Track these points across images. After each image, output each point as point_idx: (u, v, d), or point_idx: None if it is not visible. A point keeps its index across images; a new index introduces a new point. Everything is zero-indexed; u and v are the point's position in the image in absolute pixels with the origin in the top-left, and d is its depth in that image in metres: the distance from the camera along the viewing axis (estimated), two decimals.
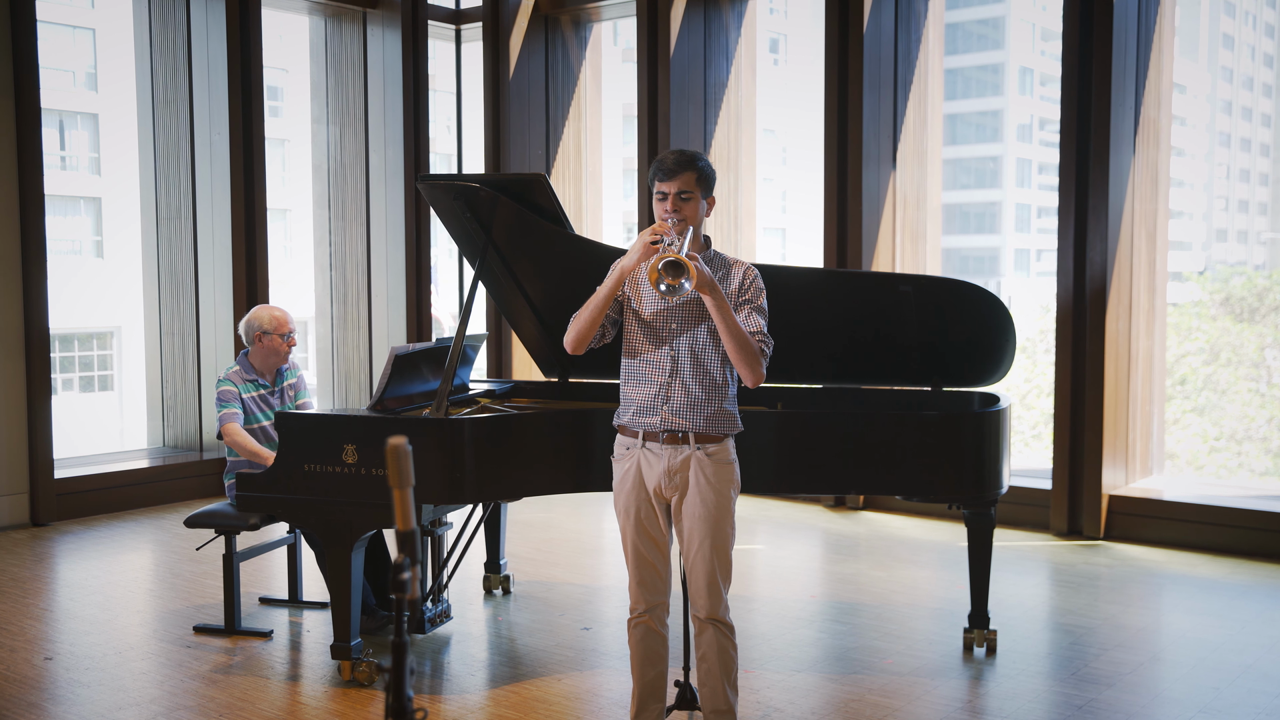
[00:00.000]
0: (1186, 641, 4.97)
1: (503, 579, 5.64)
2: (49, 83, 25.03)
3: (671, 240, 3.32)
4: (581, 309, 3.49)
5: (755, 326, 3.43)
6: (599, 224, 9.44)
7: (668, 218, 3.39)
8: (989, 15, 48.33)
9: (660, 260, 3.17)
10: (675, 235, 3.34)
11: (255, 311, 5.15)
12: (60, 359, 24.79)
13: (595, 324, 3.46)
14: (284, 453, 4.41)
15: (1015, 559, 6.32)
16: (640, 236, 3.37)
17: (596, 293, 3.46)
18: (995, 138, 48.75)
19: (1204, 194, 51.14)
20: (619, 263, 3.44)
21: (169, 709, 4.20)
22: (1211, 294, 22.29)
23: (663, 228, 3.35)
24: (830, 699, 4.30)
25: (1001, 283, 46.41)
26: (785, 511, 7.49)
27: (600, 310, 3.44)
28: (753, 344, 3.38)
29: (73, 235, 25.99)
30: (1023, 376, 20.47)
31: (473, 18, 9.36)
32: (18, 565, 6.24)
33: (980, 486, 4.52)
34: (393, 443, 1.65)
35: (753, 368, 3.39)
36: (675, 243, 3.30)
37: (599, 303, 3.44)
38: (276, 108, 29.65)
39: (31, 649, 4.86)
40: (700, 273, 3.23)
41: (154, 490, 7.76)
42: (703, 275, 3.24)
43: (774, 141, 38.75)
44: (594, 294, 3.47)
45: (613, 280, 3.43)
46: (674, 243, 3.29)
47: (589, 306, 3.46)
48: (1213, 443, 19.43)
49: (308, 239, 9.58)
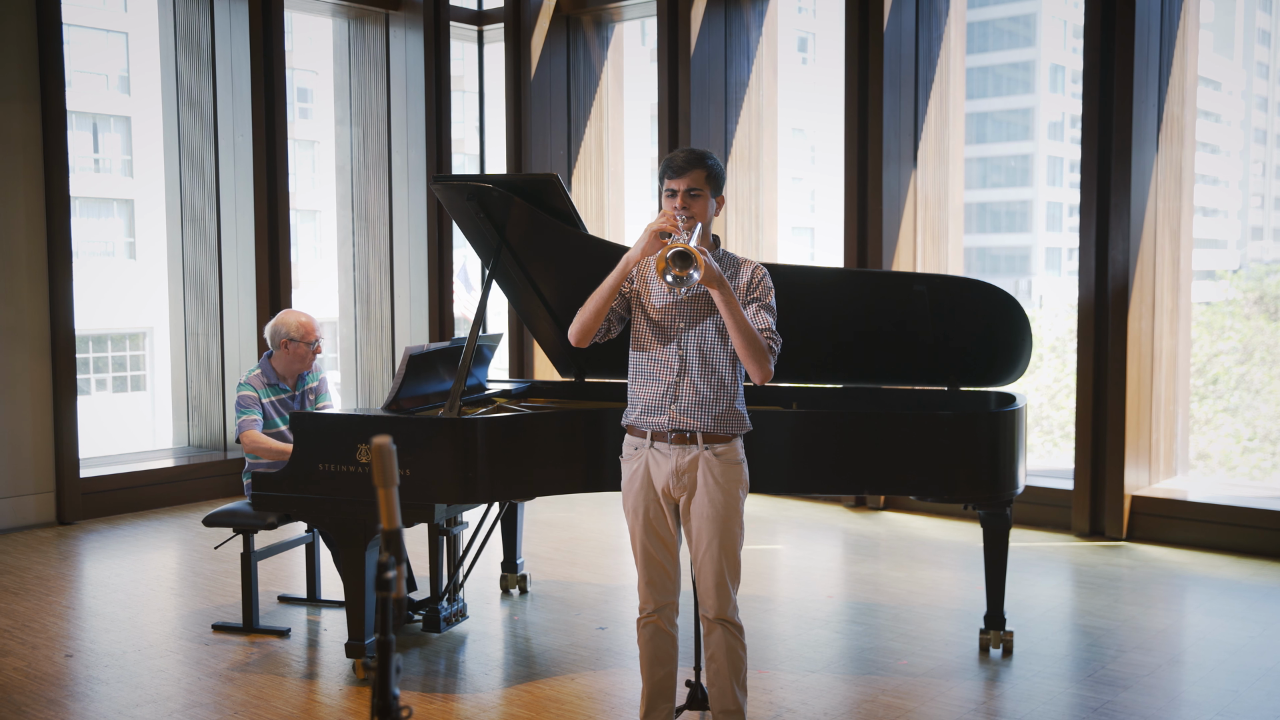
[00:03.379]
0: (1207, 643, 4.92)
1: (519, 578, 5.66)
2: (82, 86, 25.36)
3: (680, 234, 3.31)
4: (587, 300, 3.46)
5: (764, 324, 3.41)
6: (621, 224, 9.44)
7: (677, 213, 3.39)
8: (1020, 12, 48.00)
9: (668, 250, 3.15)
10: (684, 229, 3.33)
11: (283, 316, 5.12)
12: (93, 359, 25.05)
13: (600, 316, 3.43)
14: (299, 452, 4.45)
15: (1036, 560, 6.28)
16: (646, 228, 3.34)
17: (602, 284, 3.43)
18: (1026, 135, 48.43)
19: (1239, 191, 50.55)
20: (626, 255, 3.40)
21: (185, 706, 4.24)
22: (1245, 292, 22.00)
23: (670, 218, 3.33)
24: (843, 699, 4.29)
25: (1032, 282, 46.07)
26: (805, 512, 7.47)
27: (605, 301, 3.41)
28: (761, 341, 3.36)
29: (105, 237, 26.27)
30: (1052, 376, 20.28)
31: (494, 19, 9.39)
32: (43, 563, 6.32)
33: (995, 487, 4.49)
34: (377, 442, 1.66)
35: (761, 365, 3.36)
36: (684, 236, 3.29)
37: (604, 294, 3.40)
38: (307, 109, 29.83)
39: (53, 646, 4.92)
40: (708, 265, 3.21)
41: (178, 490, 7.83)
42: (710, 268, 3.22)
43: (803, 141, 38.64)
44: (600, 285, 3.45)
45: (619, 271, 3.40)
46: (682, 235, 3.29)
47: (594, 298, 3.43)
48: (1245, 443, 19.19)
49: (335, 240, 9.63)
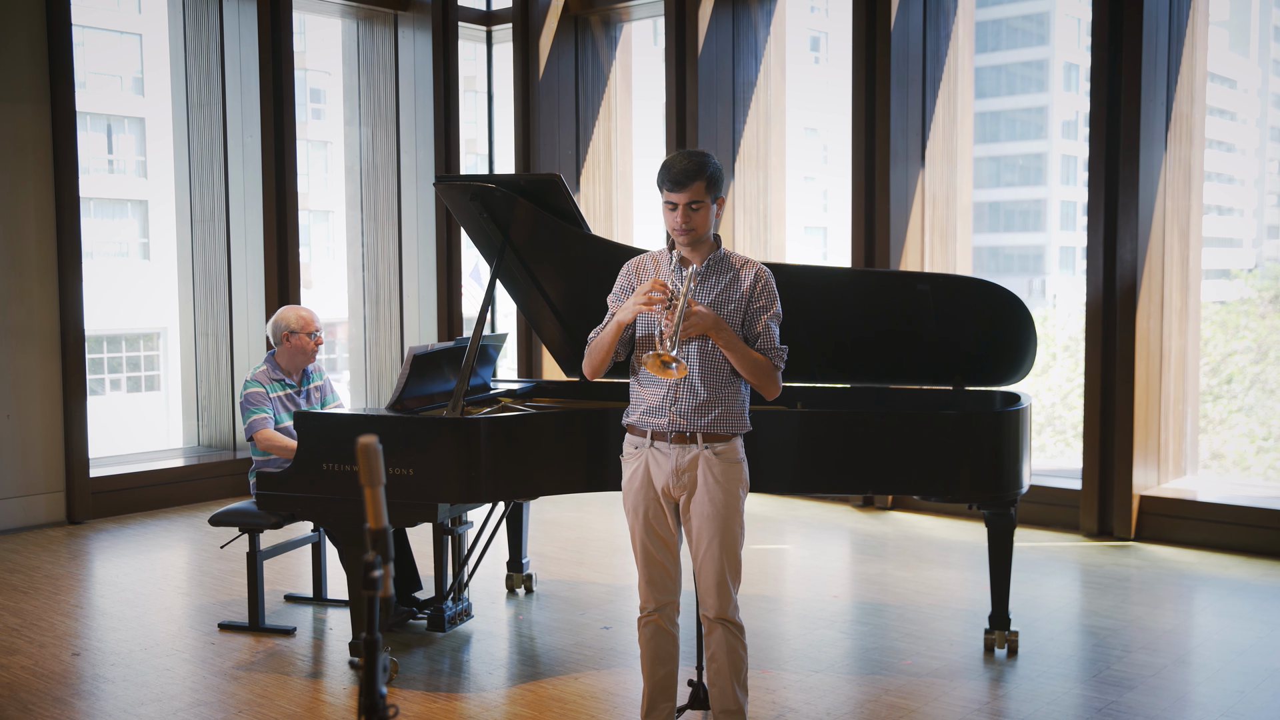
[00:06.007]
0: (1214, 644, 4.90)
1: (525, 578, 5.66)
2: (96, 87, 25.47)
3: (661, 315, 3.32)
4: (593, 345, 3.52)
5: (769, 341, 3.44)
6: (630, 224, 9.44)
7: (678, 229, 3.39)
8: (1033, 10, 47.80)
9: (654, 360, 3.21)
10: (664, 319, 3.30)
11: (282, 311, 5.20)
12: (108, 360, 25.16)
13: (608, 357, 3.51)
14: (303, 452, 4.46)
15: (1044, 560, 6.26)
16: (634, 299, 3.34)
17: (603, 334, 3.48)
18: (1040, 134, 48.24)
19: (1254, 190, 50.28)
20: (618, 314, 3.44)
21: (190, 705, 4.26)
22: (1260, 291, 21.87)
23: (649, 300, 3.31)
24: (846, 699, 4.28)
25: (1046, 281, 45.89)
26: (813, 511, 7.46)
27: (610, 346, 3.47)
28: (769, 364, 3.42)
29: (119, 238, 26.38)
30: (1064, 375, 20.21)
31: (503, 19, 9.40)
32: (52, 562, 6.35)
33: (999, 486, 4.48)
34: (363, 441, 1.66)
35: (770, 387, 3.45)
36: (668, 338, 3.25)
37: (607, 343, 3.47)
38: (320, 110, 29.91)
39: (60, 645, 4.94)
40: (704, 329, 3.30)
41: (187, 489, 7.86)
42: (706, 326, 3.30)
43: (815, 141, 38.54)
44: (601, 333, 3.49)
45: (614, 327, 3.44)
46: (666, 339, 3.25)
47: (599, 345, 3.49)
48: (1260, 442, 19.08)
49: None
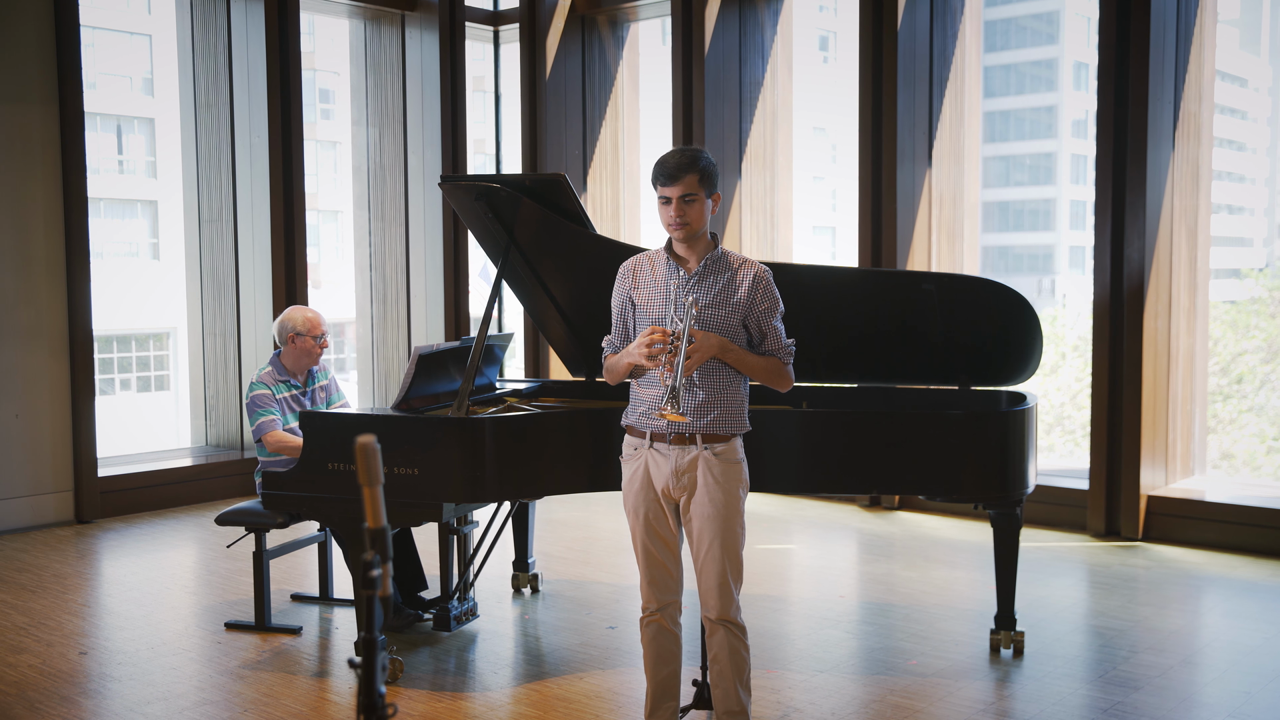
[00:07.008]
0: (1221, 644, 4.88)
1: (531, 577, 5.67)
2: (106, 88, 25.56)
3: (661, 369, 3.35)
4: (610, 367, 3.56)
5: (776, 343, 3.48)
6: (637, 224, 9.44)
7: (672, 223, 3.39)
8: (1042, 10, 47.68)
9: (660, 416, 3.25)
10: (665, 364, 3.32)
11: (289, 312, 5.21)
12: (118, 359, 25.24)
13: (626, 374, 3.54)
14: (308, 451, 4.47)
15: (1050, 560, 6.24)
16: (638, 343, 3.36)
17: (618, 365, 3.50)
18: (1049, 133, 48.11)
19: (1265, 189, 50.10)
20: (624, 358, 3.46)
21: (197, 704, 4.27)
22: (1271, 291, 21.78)
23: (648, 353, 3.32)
24: (851, 699, 4.27)
25: (1056, 280, 45.76)
26: (820, 511, 7.45)
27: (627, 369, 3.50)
28: (778, 364, 3.47)
29: (129, 238, 26.47)
30: (1074, 375, 20.15)
31: (510, 19, 9.41)
32: (60, 561, 6.37)
33: (1005, 486, 4.47)
34: (361, 441, 1.66)
35: (783, 384, 3.51)
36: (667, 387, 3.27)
37: (621, 371, 3.52)
38: (329, 110, 29.96)
39: (67, 644, 4.96)
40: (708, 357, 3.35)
41: (195, 488, 7.88)
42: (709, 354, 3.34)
43: (824, 140, 38.48)
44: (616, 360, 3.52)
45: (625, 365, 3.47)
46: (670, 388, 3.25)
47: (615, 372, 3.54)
48: (1270, 442, 19.00)
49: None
